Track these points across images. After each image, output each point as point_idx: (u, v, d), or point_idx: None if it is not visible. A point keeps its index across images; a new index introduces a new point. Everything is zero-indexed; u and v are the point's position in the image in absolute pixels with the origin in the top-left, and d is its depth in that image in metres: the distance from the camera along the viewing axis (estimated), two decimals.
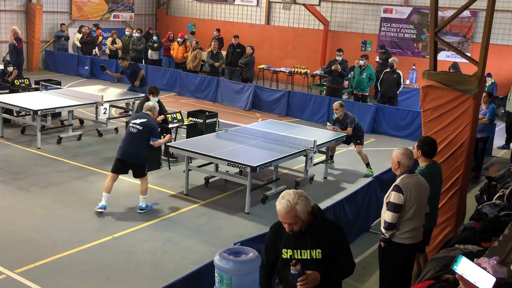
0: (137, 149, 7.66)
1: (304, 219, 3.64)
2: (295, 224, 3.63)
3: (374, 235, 7.33)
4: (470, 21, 17.51)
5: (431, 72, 6.31)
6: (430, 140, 5.60)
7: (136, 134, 7.64)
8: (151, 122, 7.75)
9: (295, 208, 3.57)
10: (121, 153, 7.71)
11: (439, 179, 5.77)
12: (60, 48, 20.20)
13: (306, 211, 3.62)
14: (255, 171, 7.73)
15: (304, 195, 3.66)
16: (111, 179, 7.76)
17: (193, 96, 16.65)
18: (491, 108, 10.60)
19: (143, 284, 5.99)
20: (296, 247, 3.73)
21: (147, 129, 7.65)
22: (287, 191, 3.69)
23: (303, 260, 3.70)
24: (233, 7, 22.43)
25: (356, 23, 19.79)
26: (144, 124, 7.65)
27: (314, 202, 3.79)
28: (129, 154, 7.66)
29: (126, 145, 7.69)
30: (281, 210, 3.61)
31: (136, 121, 7.71)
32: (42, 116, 10.97)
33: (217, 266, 3.95)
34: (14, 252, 6.48)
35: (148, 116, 7.80)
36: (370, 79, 14.49)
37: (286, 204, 3.58)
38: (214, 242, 7.06)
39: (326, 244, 3.69)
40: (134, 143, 7.65)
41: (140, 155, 7.69)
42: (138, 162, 7.70)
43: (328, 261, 3.70)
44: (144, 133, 7.64)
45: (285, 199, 3.61)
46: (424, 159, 5.57)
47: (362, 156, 10.06)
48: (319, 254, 3.68)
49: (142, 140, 7.66)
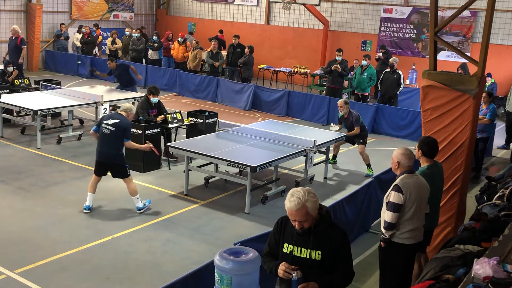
0: (112, 149, 7.60)
1: (314, 216, 3.64)
2: (305, 221, 3.63)
3: (374, 235, 7.34)
4: (470, 21, 17.51)
5: (431, 72, 6.31)
6: (430, 140, 5.60)
7: (109, 135, 7.57)
8: (124, 123, 7.63)
9: (306, 205, 3.57)
10: (97, 154, 7.71)
11: (441, 179, 5.77)
12: (60, 48, 20.20)
13: (315, 208, 3.62)
14: (255, 171, 7.73)
15: (313, 192, 3.66)
16: (95, 180, 7.77)
17: (193, 96, 16.64)
18: (491, 108, 10.59)
19: (143, 284, 5.99)
20: (297, 244, 3.72)
21: (120, 129, 7.56)
22: (295, 189, 3.67)
23: (301, 258, 3.69)
24: (233, 7, 22.43)
25: (356, 23, 19.79)
26: (116, 125, 7.56)
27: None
28: (105, 155, 7.62)
29: (100, 146, 7.66)
30: (292, 208, 3.59)
31: (109, 122, 7.61)
32: (42, 116, 10.97)
33: (217, 266, 3.96)
34: (14, 252, 6.48)
35: (121, 116, 7.69)
36: (371, 79, 14.50)
37: (297, 202, 3.56)
38: (214, 242, 7.06)
39: (327, 247, 3.66)
40: (108, 144, 7.60)
41: (115, 154, 7.63)
42: (115, 162, 7.65)
43: (326, 265, 3.68)
44: (116, 134, 7.55)
45: (295, 196, 3.59)
46: (425, 159, 5.58)
47: (364, 156, 10.06)
48: (318, 255, 3.66)
49: (115, 140, 7.59)
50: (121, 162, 7.71)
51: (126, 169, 7.73)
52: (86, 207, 7.72)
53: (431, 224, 5.68)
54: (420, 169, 5.56)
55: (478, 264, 3.50)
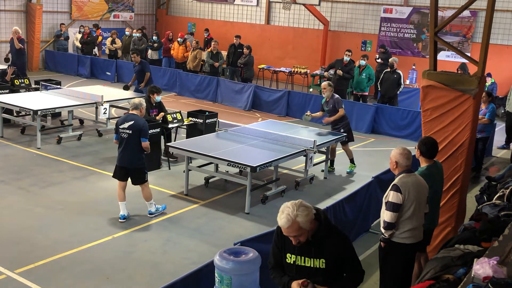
0: (132, 153, 7.45)
1: (308, 228, 3.55)
2: (300, 235, 3.55)
3: (374, 235, 7.33)
4: (470, 21, 17.51)
5: (431, 72, 6.31)
6: (429, 141, 5.59)
7: (127, 139, 7.42)
8: (138, 123, 7.45)
9: (296, 221, 3.48)
10: (118, 159, 7.58)
11: (440, 179, 5.77)
12: (60, 48, 20.19)
13: (308, 221, 3.51)
14: (255, 171, 7.73)
15: (304, 204, 3.55)
16: (120, 187, 7.58)
17: (193, 96, 16.64)
18: (490, 108, 10.59)
19: (143, 284, 5.99)
20: (300, 254, 3.67)
21: (136, 130, 7.41)
22: (285, 204, 3.58)
23: (306, 267, 3.65)
24: (233, 7, 22.42)
25: (356, 23, 19.78)
26: (132, 127, 7.40)
27: (315, 203, 3.78)
28: (126, 160, 7.49)
29: (122, 151, 7.50)
30: (283, 226, 3.52)
31: (124, 125, 7.44)
32: (42, 116, 10.97)
33: (217, 266, 3.96)
34: (14, 252, 6.48)
35: (135, 116, 7.50)
36: (370, 79, 14.49)
37: (287, 218, 3.48)
38: (214, 242, 7.06)
39: (330, 254, 3.61)
40: (128, 148, 7.45)
41: (136, 158, 7.48)
42: (135, 166, 7.51)
43: (333, 270, 3.64)
44: (135, 136, 7.40)
45: (285, 213, 3.51)
46: (424, 160, 5.58)
47: (348, 152, 10.14)
48: (322, 263, 3.62)
49: (134, 143, 7.43)
50: (142, 167, 7.55)
51: (145, 175, 7.59)
52: (122, 217, 7.52)
53: (431, 224, 5.68)
54: (419, 170, 5.56)
55: (478, 264, 3.50)
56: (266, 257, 3.97)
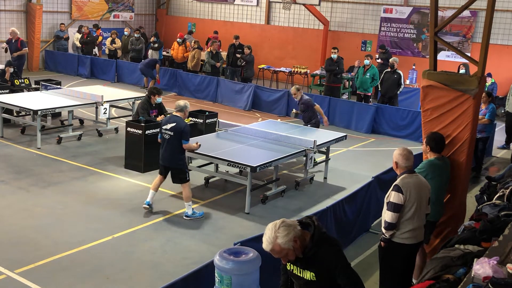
0: (174, 154, 7.66)
1: (294, 246, 3.42)
2: (285, 256, 3.47)
3: (374, 235, 7.33)
4: (470, 21, 17.51)
5: (431, 72, 6.31)
6: (437, 136, 5.91)
7: (169, 140, 7.64)
8: (180, 125, 7.61)
9: (277, 243, 3.38)
10: (160, 158, 7.84)
11: (447, 173, 5.98)
12: (60, 48, 20.19)
13: (289, 240, 3.38)
14: (255, 171, 7.73)
15: (285, 224, 3.41)
16: (158, 178, 7.93)
17: (193, 96, 16.63)
18: (490, 108, 10.59)
19: (143, 284, 5.99)
20: (294, 264, 3.63)
21: (178, 132, 7.58)
22: (268, 225, 3.48)
23: (299, 277, 3.62)
24: (233, 7, 22.42)
25: (356, 23, 19.78)
26: (174, 129, 7.59)
27: (315, 203, 3.76)
28: (167, 159, 7.72)
29: (163, 151, 7.75)
30: (265, 249, 3.45)
31: (167, 127, 7.66)
32: (42, 116, 10.96)
33: (217, 266, 3.96)
34: (14, 252, 6.48)
35: (178, 118, 7.67)
36: (374, 79, 14.51)
37: (266, 243, 3.42)
38: (214, 242, 7.06)
39: (319, 266, 3.49)
40: (170, 149, 7.66)
41: (177, 158, 7.69)
42: (176, 166, 7.71)
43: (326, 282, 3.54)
44: (176, 137, 7.60)
45: (265, 238, 3.43)
46: (433, 155, 5.87)
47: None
48: (313, 276, 3.53)
49: (176, 144, 7.63)
50: (183, 167, 7.76)
51: (186, 175, 7.77)
52: (147, 203, 7.84)
53: (436, 215, 5.85)
54: (430, 160, 5.83)
55: (478, 264, 3.50)
56: (266, 257, 3.97)
